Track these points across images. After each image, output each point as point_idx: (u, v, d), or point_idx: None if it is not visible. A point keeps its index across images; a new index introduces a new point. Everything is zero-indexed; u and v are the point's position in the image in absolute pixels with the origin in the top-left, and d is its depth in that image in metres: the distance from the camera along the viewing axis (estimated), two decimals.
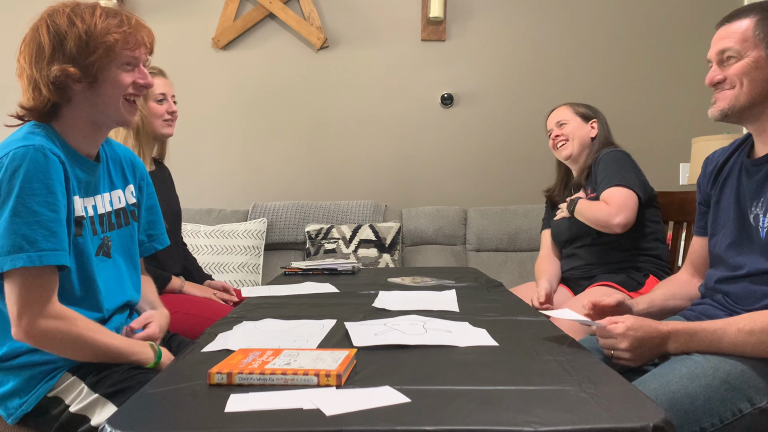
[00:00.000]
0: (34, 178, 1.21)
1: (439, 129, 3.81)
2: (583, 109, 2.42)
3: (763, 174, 1.40)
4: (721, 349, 1.28)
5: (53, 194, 1.23)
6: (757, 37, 1.38)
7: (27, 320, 1.20)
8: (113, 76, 1.33)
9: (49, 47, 1.29)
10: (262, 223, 3.50)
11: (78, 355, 1.28)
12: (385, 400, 0.91)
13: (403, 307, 1.62)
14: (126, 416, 0.88)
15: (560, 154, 2.41)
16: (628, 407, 0.88)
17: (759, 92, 1.39)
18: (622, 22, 3.73)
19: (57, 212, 1.23)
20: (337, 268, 2.36)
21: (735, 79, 1.40)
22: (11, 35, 3.73)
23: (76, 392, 1.28)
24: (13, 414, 1.30)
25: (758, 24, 1.38)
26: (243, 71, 3.80)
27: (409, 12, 3.79)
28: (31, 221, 1.19)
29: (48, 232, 1.21)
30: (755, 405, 1.19)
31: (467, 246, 3.58)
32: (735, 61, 1.40)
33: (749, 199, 1.42)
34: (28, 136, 1.27)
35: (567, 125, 2.38)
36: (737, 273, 1.41)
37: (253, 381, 1.00)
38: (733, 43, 1.40)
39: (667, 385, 1.20)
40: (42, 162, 1.22)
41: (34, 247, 1.19)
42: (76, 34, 1.29)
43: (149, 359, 1.33)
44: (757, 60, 1.38)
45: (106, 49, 1.30)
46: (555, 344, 1.24)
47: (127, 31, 1.33)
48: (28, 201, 1.20)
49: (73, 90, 1.32)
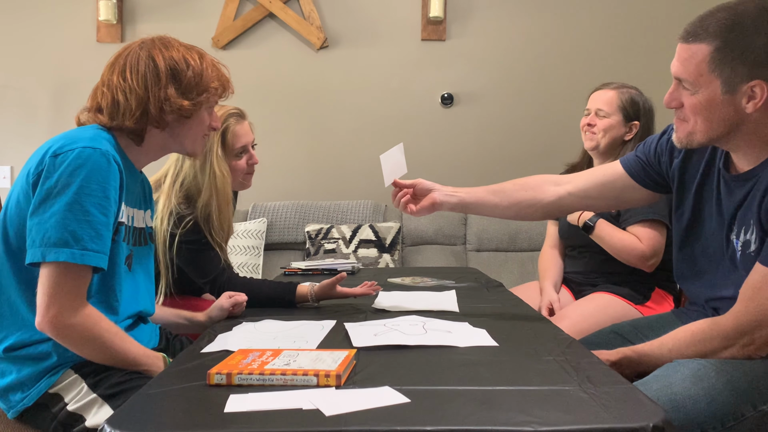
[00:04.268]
0: (94, 180, 1.25)
1: (439, 129, 3.81)
2: (629, 105, 2.16)
3: (744, 193, 1.31)
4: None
5: (107, 199, 1.26)
6: (712, 73, 1.22)
7: (54, 312, 1.22)
8: (201, 116, 1.44)
9: (165, 76, 1.36)
10: (261, 223, 3.50)
11: (95, 355, 1.29)
12: (385, 400, 0.91)
13: (403, 307, 1.62)
14: (126, 416, 0.88)
15: (585, 143, 2.25)
16: (628, 407, 0.88)
17: (715, 130, 1.26)
18: (622, 22, 3.73)
19: (107, 217, 1.26)
20: (337, 268, 2.36)
21: (689, 115, 1.28)
22: (11, 35, 3.74)
23: (76, 390, 1.29)
24: (14, 407, 1.30)
25: (715, 55, 1.21)
26: (243, 71, 3.79)
27: (409, 12, 3.79)
28: (82, 219, 1.23)
29: (95, 234, 1.24)
30: (758, 408, 1.18)
31: (467, 246, 3.58)
32: (689, 94, 1.26)
33: (729, 218, 1.36)
34: (97, 138, 1.30)
35: (605, 120, 2.16)
36: (723, 294, 1.38)
37: (252, 381, 1.00)
38: (687, 75, 1.25)
39: (669, 387, 1.19)
40: (105, 167, 1.26)
41: (80, 244, 1.22)
42: (191, 73, 1.39)
43: (158, 371, 1.33)
44: (711, 100, 1.23)
45: (208, 94, 1.42)
46: (555, 344, 1.23)
47: (224, 82, 1.48)
48: (83, 200, 1.23)
49: (166, 120, 1.39)
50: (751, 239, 1.29)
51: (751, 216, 1.29)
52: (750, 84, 1.21)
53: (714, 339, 1.26)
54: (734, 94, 1.22)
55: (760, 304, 1.22)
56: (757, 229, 1.27)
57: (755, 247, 1.28)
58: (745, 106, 1.22)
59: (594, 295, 2.11)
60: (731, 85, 1.22)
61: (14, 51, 3.73)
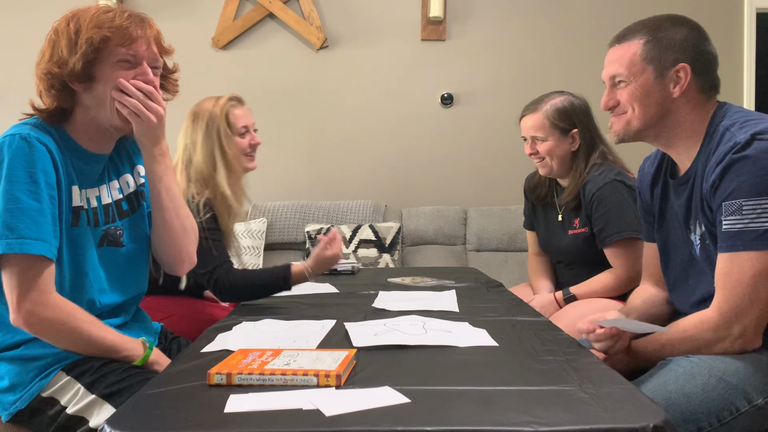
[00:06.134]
0: (17, 166, 1.22)
1: (439, 129, 3.81)
2: (559, 119, 2.10)
3: (688, 194, 1.40)
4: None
5: (36, 183, 1.23)
6: (644, 61, 1.39)
7: (27, 307, 1.22)
8: (106, 75, 1.29)
9: (48, 50, 1.30)
10: (261, 223, 3.50)
11: (72, 346, 1.29)
12: (385, 400, 0.91)
13: (403, 307, 1.62)
14: (126, 416, 0.88)
15: (539, 169, 2.20)
16: (628, 407, 0.88)
17: (651, 115, 1.39)
18: (622, 22, 3.71)
19: (40, 202, 1.23)
20: (337, 269, 2.36)
21: (627, 105, 1.41)
22: (11, 35, 3.74)
23: (72, 393, 1.28)
24: (7, 410, 1.30)
25: (645, 47, 1.39)
26: (243, 71, 3.79)
27: (409, 12, 3.79)
28: (13, 208, 1.21)
29: (30, 221, 1.21)
30: (752, 403, 1.20)
31: (467, 246, 3.58)
32: (625, 86, 1.40)
33: (684, 220, 1.43)
34: (21, 126, 1.28)
35: (544, 143, 2.11)
36: (702, 295, 1.40)
37: (252, 381, 1.00)
38: (622, 68, 1.41)
39: (664, 386, 1.21)
40: (27, 151, 1.23)
41: (14, 233, 1.20)
42: (67, 34, 1.28)
43: (138, 356, 1.33)
44: (645, 85, 1.38)
45: (94, 47, 1.26)
46: (555, 344, 1.24)
47: (118, 25, 1.27)
48: (12, 188, 1.21)
49: (77, 93, 1.31)
50: (705, 233, 1.35)
51: (698, 212, 1.36)
52: (675, 68, 1.37)
53: (706, 333, 1.28)
54: (664, 78, 1.38)
55: (732, 289, 1.25)
56: (706, 223, 1.34)
57: (710, 240, 1.33)
58: (672, 91, 1.37)
59: (592, 299, 2.11)
60: (660, 70, 1.38)
61: (14, 51, 3.73)
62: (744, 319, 1.25)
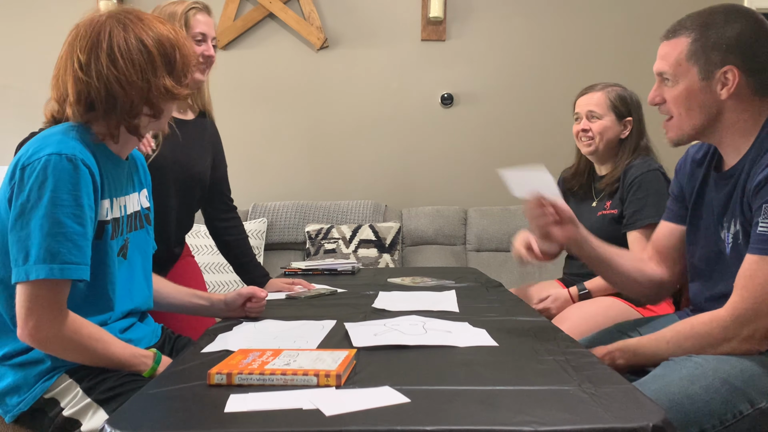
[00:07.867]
0: (63, 190, 1.20)
1: (439, 129, 3.81)
2: (619, 103, 2.15)
3: (729, 189, 1.37)
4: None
5: (81, 207, 1.22)
6: (689, 61, 1.33)
7: (33, 324, 1.20)
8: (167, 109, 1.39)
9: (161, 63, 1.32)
10: (262, 223, 3.50)
11: (80, 360, 1.28)
12: (385, 400, 0.91)
13: (402, 307, 1.62)
14: (126, 416, 0.88)
15: (582, 149, 2.22)
16: (628, 407, 0.88)
17: (699, 118, 1.34)
18: (622, 22, 3.72)
19: (84, 226, 1.22)
20: (337, 269, 2.36)
21: (672, 108, 1.37)
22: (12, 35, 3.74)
23: (71, 395, 1.28)
24: (11, 412, 1.30)
25: (692, 45, 1.33)
26: (243, 71, 3.79)
27: (409, 12, 3.79)
28: (58, 233, 1.19)
29: (73, 245, 1.20)
30: (756, 406, 1.19)
31: (467, 246, 3.58)
32: (671, 85, 1.36)
33: (718, 215, 1.41)
34: (64, 141, 1.24)
35: (599, 122, 2.14)
36: (720, 291, 1.39)
37: (252, 381, 1.00)
38: (667, 66, 1.36)
39: (667, 387, 1.20)
40: (72, 173, 1.21)
41: (57, 259, 1.18)
42: (179, 55, 1.33)
43: (145, 370, 1.33)
44: (689, 88, 1.33)
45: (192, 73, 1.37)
46: (555, 344, 1.24)
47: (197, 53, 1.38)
48: (56, 212, 1.19)
49: (161, 108, 1.34)
50: (739, 231, 1.32)
51: (737, 209, 1.33)
52: (723, 70, 1.30)
53: (714, 331, 1.27)
54: (710, 80, 1.32)
55: (754, 292, 1.23)
56: (742, 221, 1.31)
57: (743, 239, 1.31)
58: (719, 93, 1.31)
59: (597, 299, 2.11)
60: (707, 72, 1.32)
61: (15, 51, 3.73)
62: (758, 322, 1.23)
